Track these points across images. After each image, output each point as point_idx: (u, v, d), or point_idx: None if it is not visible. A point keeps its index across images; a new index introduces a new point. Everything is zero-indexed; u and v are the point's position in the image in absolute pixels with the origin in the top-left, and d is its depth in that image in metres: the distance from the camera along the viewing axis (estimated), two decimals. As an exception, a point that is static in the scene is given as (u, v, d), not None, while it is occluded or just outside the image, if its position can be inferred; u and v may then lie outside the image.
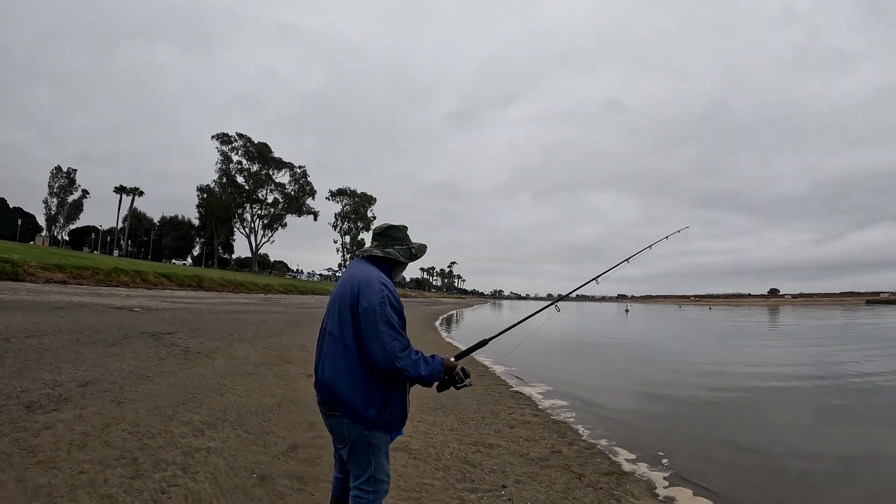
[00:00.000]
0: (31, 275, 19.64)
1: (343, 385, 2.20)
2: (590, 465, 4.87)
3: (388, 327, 2.13)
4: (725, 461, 5.34)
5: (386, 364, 2.13)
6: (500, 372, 10.77)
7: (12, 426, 4.11)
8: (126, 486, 3.26)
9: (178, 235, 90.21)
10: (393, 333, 2.14)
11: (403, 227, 2.49)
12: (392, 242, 2.42)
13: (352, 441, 2.24)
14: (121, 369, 6.68)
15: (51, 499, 2.98)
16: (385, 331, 2.13)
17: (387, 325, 2.13)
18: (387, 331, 2.13)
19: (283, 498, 3.39)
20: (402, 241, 2.44)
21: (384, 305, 2.15)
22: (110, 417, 4.64)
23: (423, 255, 2.49)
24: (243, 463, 3.93)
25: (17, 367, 6.04)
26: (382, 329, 2.12)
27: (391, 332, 2.13)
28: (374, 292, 2.18)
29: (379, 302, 2.15)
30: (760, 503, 4.26)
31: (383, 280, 2.25)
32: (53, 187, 78.01)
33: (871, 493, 4.54)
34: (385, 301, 2.16)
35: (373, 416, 2.20)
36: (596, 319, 44.74)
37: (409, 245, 2.45)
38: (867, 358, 14.33)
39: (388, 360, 2.12)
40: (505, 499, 3.82)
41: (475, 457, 4.78)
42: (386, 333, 2.12)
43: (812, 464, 5.30)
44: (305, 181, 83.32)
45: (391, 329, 2.14)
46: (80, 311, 12.45)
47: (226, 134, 77.39)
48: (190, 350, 8.92)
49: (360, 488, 2.24)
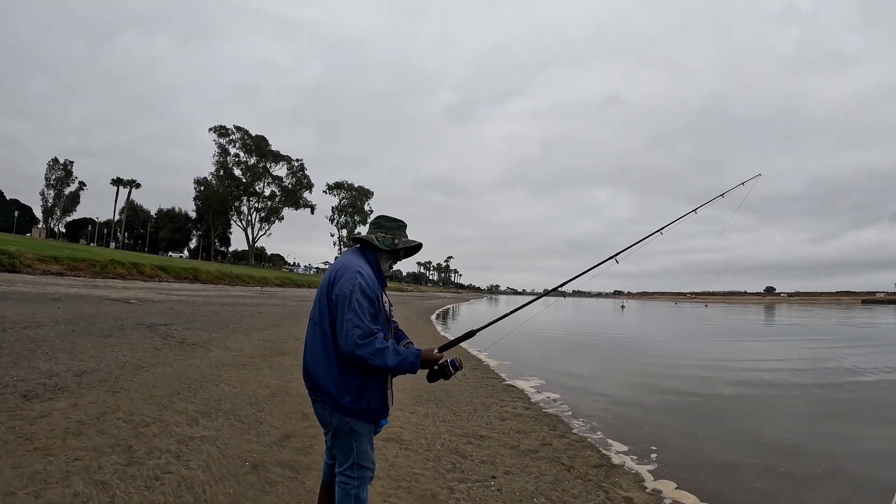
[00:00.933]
0: (28, 266, 19.64)
1: (320, 370, 2.25)
2: (579, 457, 4.94)
3: (353, 314, 2.12)
4: (714, 456, 5.41)
5: (347, 351, 2.14)
6: (494, 365, 10.84)
7: (9, 414, 4.16)
8: (120, 473, 3.31)
9: (174, 228, 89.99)
10: (356, 320, 2.11)
11: (398, 220, 2.49)
12: (377, 230, 2.44)
13: (334, 427, 2.29)
14: (116, 360, 6.73)
15: (46, 485, 3.03)
16: (350, 318, 2.12)
17: (352, 313, 2.12)
18: (351, 318, 2.12)
19: (274, 485, 3.45)
20: (389, 230, 2.44)
21: (354, 292, 2.16)
22: (105, 406, 4.69)
23: (412, 249, 2.50)
24: (236, 451, 3.99)
25: (14, 357, 6.09)
26: (348, 316, 2.13)
27: (354, 319, 2.11)
28: (347, 279, 2.20)
29: (350, 289, 2.16)
30: (747, 497, 4.31)
31: (360, 268, 2.26)
32: (50, 179, 77.66)
33: (856, 488, 4.60)
34: (356, 288, 2.17)
35: (348, 403, 2.22)
36: (591, 315, 44.90)
37: (395, 236, 2.44)
38: (859, 356, 14.46)
39: (348, 346, 2.12)
40: (494, 489, 3.88)
41: (466, 448, 4.85)
42: (349, 320, 2.12)
43: (800, 459, 5.36)
44: (303, 174, 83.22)
45: (355, 316, 2.12)
46: (77, 303, 12.48)
47: (223, 126, 77.22)
48: (185, 341, 8.96)
49: (345, 474, 2.30)
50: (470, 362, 10.67)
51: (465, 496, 3.68)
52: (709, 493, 4.28)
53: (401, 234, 2.47)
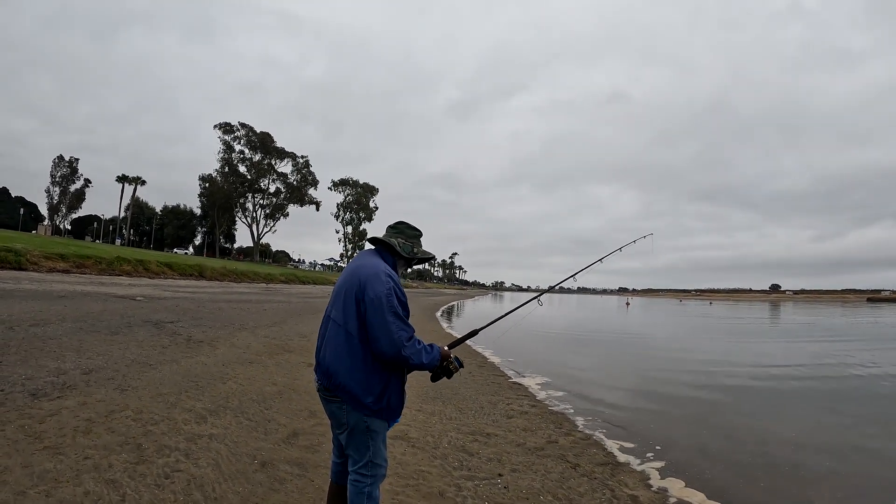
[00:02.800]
0: (34, 264, 19.75)
1: (343, 371, 2.28)
2: (585, 455, 4.94)
3: (395, 317, 2.23)
4: (720, 454, 5.39)
5: (393, 352, 2.22)
6: (499, 363, 10.84)
7: (18, 413, 4.19)
8: (130, 471, 3.34)
9: (179, 225, 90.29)
10: (400, 324, 2.24)
11: (418, 230, 2.59)
12: (398, 235, 2.53)
13: (350, 426, 2.31)
14: (124, 357, 6.76)
15: (56, 483, 3.06)
16: (393, 321, 2.22)
17: (394, 316, 2.23)
18: (394, 321, 2.22)
19: (283, 483, 3.47)
20: (409, 238, 2.54)
21: (391, 296, 2.24)
22: (114, 404, 4.72)
23: (425, 260, 2.61)
24: (245, 449, 4.01)
25: (22, 356, 6.13)
26: (390, 319, 2.22)
27: (398, 322, 2.23)
28: (381, 283, 2.26)
29: (386, 293, 2.23)
30: (753, 495, 4.31)
31: (388, 272, 2.33)
32: (55, 176, 77.97)
33: (861, 486, 4.60)
34: (392, 292, 2.25)
35: (370, 403, 2.27)
36: (596, 312, 44.81)
37: (414, 244, 2.55)
38: (864, 355, 14.39)
39: (395, 348, 2.21)
40: (501, 486, 3.89)
41: (473, 445, 4.86)
42: (394, 323, 2.22)
43: (805, 458, 5.35)
44: (308, 171, 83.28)
45: (398, 319, 2.24)
46: (83, 300, 12.55)
47: (228, 123, 77.31)
48: (192, 339, 9.00)
49: (359, 472, 2.32)
50: (475, 360, 10.69)
51: (473, 493, 3.69)
52: (716, 491, 4.27)
53: (418, 243, 2.58)
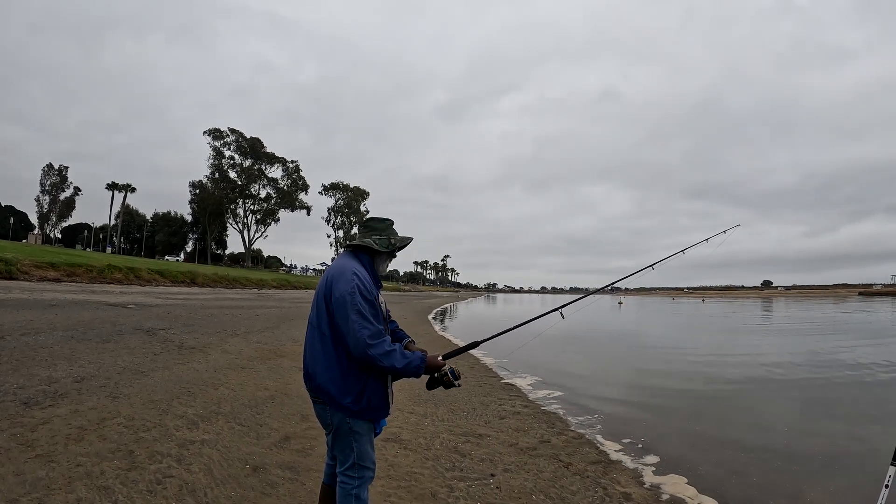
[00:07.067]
0: (25, 273, 19.60)
1: (320, 372, 2.31)
2: (578, 454, 4.98)
3: (357, 315, 2.20)
4: (712, 451, 5.43)
5: (358, 352, 2.20)
6: (492, 364, 10.88)
7: (10, 421, 4.19)
8: (122, 478, 3.34)
9: (170, 231, 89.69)
10: (362, 321, 2.20)
11: (386, 219, 2.56)
12: (371, 233, 2.50)
13: (335, 427, 2.34)
14: (115, 365, 6.75)
15: (49, 491, 3.06)
16: (355, 319, 2.20)
17: (357, 314, 2.20)
18: (357, 319, 2.20)
19: (275, 487, 3.49)
20: (382, 231, 2.51)
21: (354, 294, 2.22)
22: (106, 412, 4.72)
23: (405, 246, 2.56)
24: (237, 454, 4.03)
25: (14, 364, 6.11)
26: (353, 317, 2.20)
27: (360, 321, 2.20)
28: (346, 282, 2.26)
29: (349, 291, 2.23)
30: (745, 491, 4.34)
31: (356, 270, 2.32)
32: (45, 185, 77.49)
33: (853, 482, 4.63)
34: (355, 290, 2.23)
35: (349, 403, 2.28)
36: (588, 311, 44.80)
37: (389, 235, 2.51)
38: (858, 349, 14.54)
39: (359, 347, 2.19)
40: (493, 487, 3.92)
41: (465, 446, 4.88)
42: (356, 322, 2.19)
43: (797, 454, 5.37)
44: (298, 176, 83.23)
45: (361, 317, 2.20)
46: (75, 309, 12.48)
47: (218, 129, 77.23)
48: (184, 345, 8.98)
49: (346, 474, 2.35)
50: (468, 361, 10.70)
51: (465, 494, 3.72)
52: (708, 486, 4.32)
53: (393, 232, 2.54)
